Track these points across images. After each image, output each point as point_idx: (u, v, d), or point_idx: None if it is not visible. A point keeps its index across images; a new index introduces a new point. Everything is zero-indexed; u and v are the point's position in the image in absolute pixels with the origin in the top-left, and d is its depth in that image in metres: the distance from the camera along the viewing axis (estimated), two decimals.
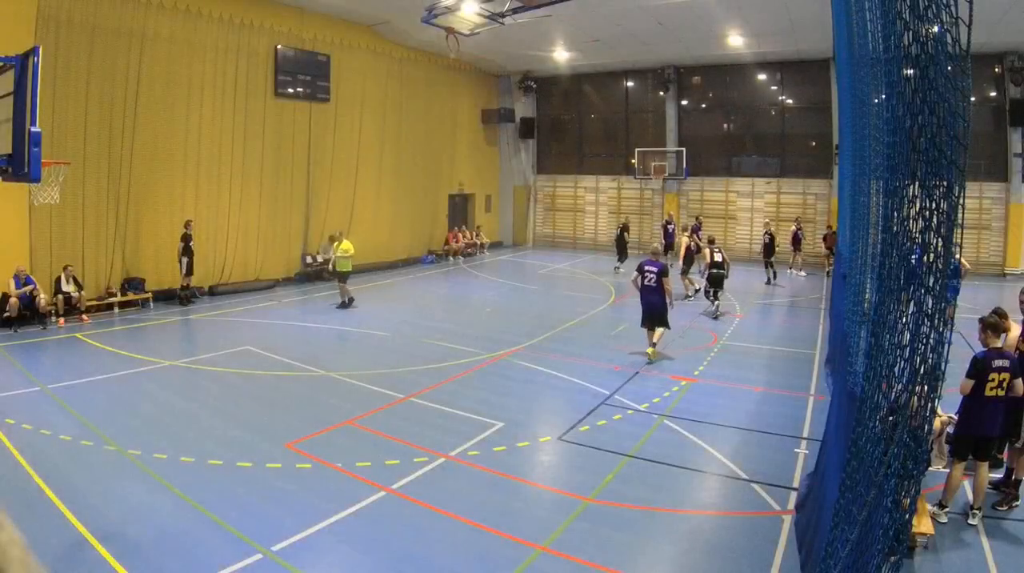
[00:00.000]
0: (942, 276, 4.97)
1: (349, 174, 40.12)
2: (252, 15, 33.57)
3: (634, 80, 50.48)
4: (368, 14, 37.42)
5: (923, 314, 5.04)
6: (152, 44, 29.59)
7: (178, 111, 30.90)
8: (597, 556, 10.10)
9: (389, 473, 12.97)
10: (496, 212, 55.54)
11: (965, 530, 10.97)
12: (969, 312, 20.13)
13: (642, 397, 17.70)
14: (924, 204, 5.06)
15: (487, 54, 45.79)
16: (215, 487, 12.29)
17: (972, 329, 12.77)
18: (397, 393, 17.86)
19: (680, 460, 13.77)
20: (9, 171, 11.29)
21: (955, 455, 11.25)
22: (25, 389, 17.63)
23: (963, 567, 10.00)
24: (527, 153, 55.32)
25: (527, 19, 32.07)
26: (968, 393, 10.93)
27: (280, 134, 35.73)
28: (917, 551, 9.96)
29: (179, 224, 29.98)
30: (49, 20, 25.85)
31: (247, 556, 9.98)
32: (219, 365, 20.58)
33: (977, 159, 37.98)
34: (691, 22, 35.96)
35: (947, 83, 4.81)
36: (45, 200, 20.68)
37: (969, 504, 11.40)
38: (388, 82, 42.51)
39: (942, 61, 4.84)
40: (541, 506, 11.98)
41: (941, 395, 5.20)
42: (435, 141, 47.36)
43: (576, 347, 22.82)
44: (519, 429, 15.41)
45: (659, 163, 47.73)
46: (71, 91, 26.84)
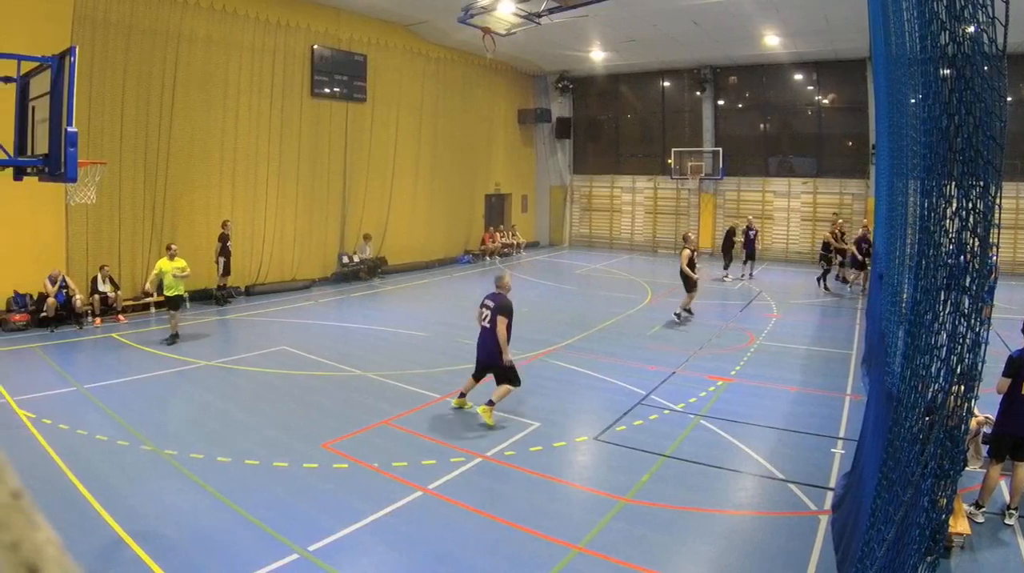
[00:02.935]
0: (979, 276, 4.96)
1: (385, 174, 40.14)
2: (288, 15, 33.69)
3: (670, 80, 50.32)
4: (405, 14, 37.43)
5: (960, 314, 5.03)
6: (188, 44, 29.73)
7: (214, 111, 31.04)
8: (633, 556, 10.10)
9: (425, 473, 12.98)
10: (532, 212, 55.48)
11: (1002, 530, 10.91)
12: (1005, 312, 20.05)
13: (678, 397, 17.68)
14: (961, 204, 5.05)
15: (523, 54, 45.73)
16: (251, 487, 12.36)
17: (1008, 329, 12.71)
18: (433, 393, 17.89)
19: (716, 460, 13.75)
20: (45, 171, 11.34)
21: (992, 455, 11.16)
22: (62, 389, 17.71)
23: (999, 567, 9.96)
24: (563, 153, 55.27)
25: (563, 19, 32.22)
26: (1005, 392, 10.88)
27: (316, 134, 35.82)
28: (953, 551, 9.92)
29: (216, 224, 30.12)
30: (85, 20, 25.97)
31: (283, 556, 10.04)
32: (255, 365, 20.66)
33: (1014, 159, 37.43)
34: (727, 22, 35.79)
35: (983, 83, 4.79)
36: (81, 200, 20.87)
37: (1006, 504, 11.34)
38: (425, 82, 42.49)
39: (978, 61, 4.83)
40: (577, 506, 11.95)
41: (978, 395, 5.19)
42: (472, 141, 47.28)
43: (612, 347, 22.79)
44: (555, 429, 15.41)
45: (695, 163, 47.66)
46: (107, 91, 26.99)
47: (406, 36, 40.32)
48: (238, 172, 32.22)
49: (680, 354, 21.91)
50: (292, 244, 34.89)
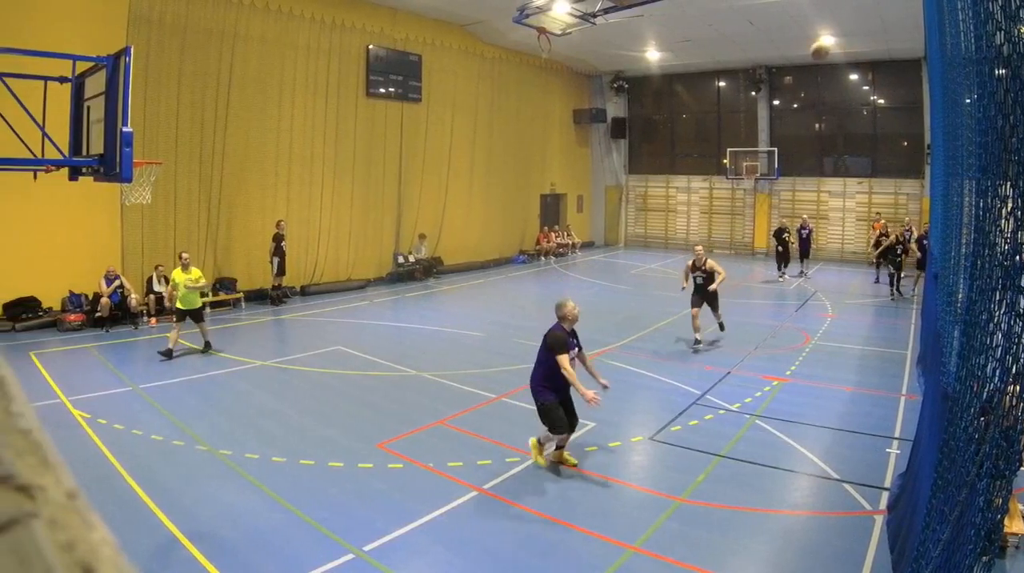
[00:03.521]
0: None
1: (441, 174, 40.27)
2: (344, 15, 33.86)
3: (726, 80, 50.21)
4: (460, 14, 37.58)
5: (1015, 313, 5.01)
6: (244, 44, 29.99)
7: (270, 111, 31.27)
8: (688, 556, 10.09)
9: (481, 473, 13.01)
10: (588, 212, 55.48)
11: None
12: None
13: (734, 397, 17.66)
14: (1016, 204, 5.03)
15: (579, 54, 45.70)
16: (307, 487, 12.42)
17: None
18: (489, 393, 17.95)
19: (772, 460, 13.73)
20: (100, 171, 11.41)
21: None
22: (117, 389, 17.86)
23: None
24: (619, 153, 55.17)
25: (618, 19, 32.28)
26: None
27: (372, 134, 35.96)
28: (1009, 551, 9.84)
29: (271, 224, 30.32)
30: (140, 20, 26.24)
31: (339, 556, 10.08)
32: (310, 365, 20.75)
33: None
34: (783, 22, 35.71)
35: None
36: (137, 200, 21.09)
37: None
38: (480, 82, 42.61)
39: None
40: (632, 506, 11.96)
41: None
42: (527, 141, 47.34)
43: (668, 347, 22.83)
44: (611, 429, 15.41)
45: (751, 163, 47.57)
46: (163, 91, 27.25)
47: (461, 36, 40.43)
48: (293, 172, 32.43)
49: (735, 354, 21.88)
50: (347, 244, 35.03)
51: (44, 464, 0.75)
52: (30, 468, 0.73)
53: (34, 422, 0.80)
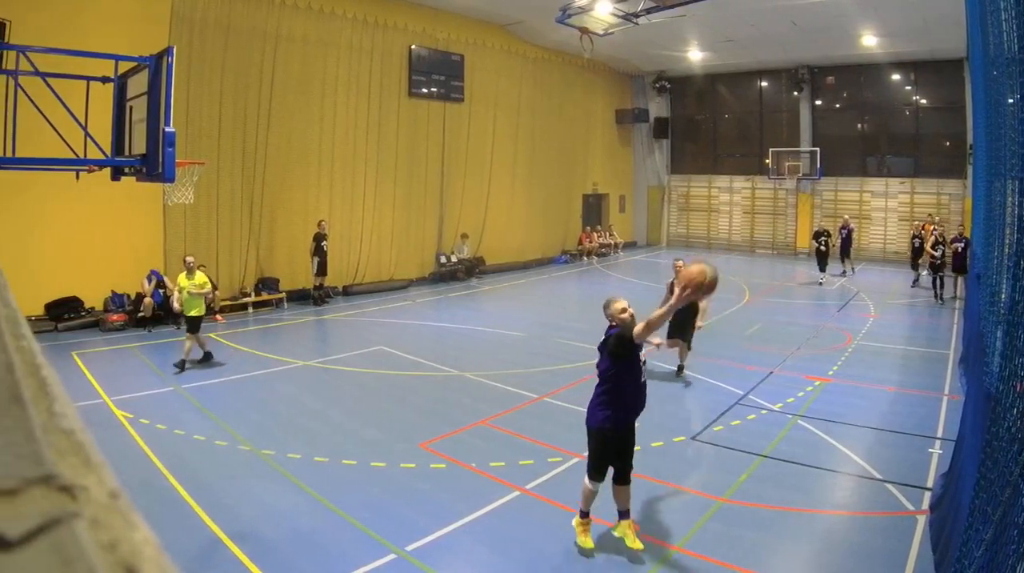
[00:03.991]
0: None
1: (483, 174, 40.33)
2: (386, 15, 33.98)
3: (768, 80, 50.08)
4: (502, 14, 37.63)
5: None
6: (286, 44, 30.15)
7: (312, 111, 31.39)
8: (731, 556, 10.10)
9: (523, 473, 13.04)
10: (630, 212, 55.46)
11: None
12: None
13: (776, 397, 17.67)
14: None
15: (621, 54, 45.66)
16: (349, 487, 12.46)
17: None
18: (531, 393, 17.96)
19: (814, 460, 13.72)
20: (143, 171, 11.50)
21: None
22: (159, 389, 17.98)
23: None
24: (661, 153, 55.11)
25: (661, 19, 32.10)
26: None
27: (414, 134, 36.07)
28: None
29: (313, 224, 30.43)
30: (183, 20, 26.46)
31: (381, 556, 10.11)
32: (353, 365, 20.80)
33: None
34: (825, 22, 35.60)
35: None
36: (179, 200, 21.19)
37: None
38: (522, 82, 42.63)
39: None
40: (675, 506, 11.96)
41: None
42: (569, 141, 47.29)
43: (709, 347, 22.66)
44: (653, 429, 15.32)
45: (793, 163, 47.46)
46: (205, 91, 27.44)
47: (503, 36, 40.47)
48: (336, 172, 32.53)
49: (778, 354, 21.89)
50: (389, 244, 35.14)
51: (87, 464, 0.77)
52: (73, 468, 0.75)
53: (76, 422, 0.85)
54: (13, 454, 0.75)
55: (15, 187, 20.79)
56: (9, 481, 0.71)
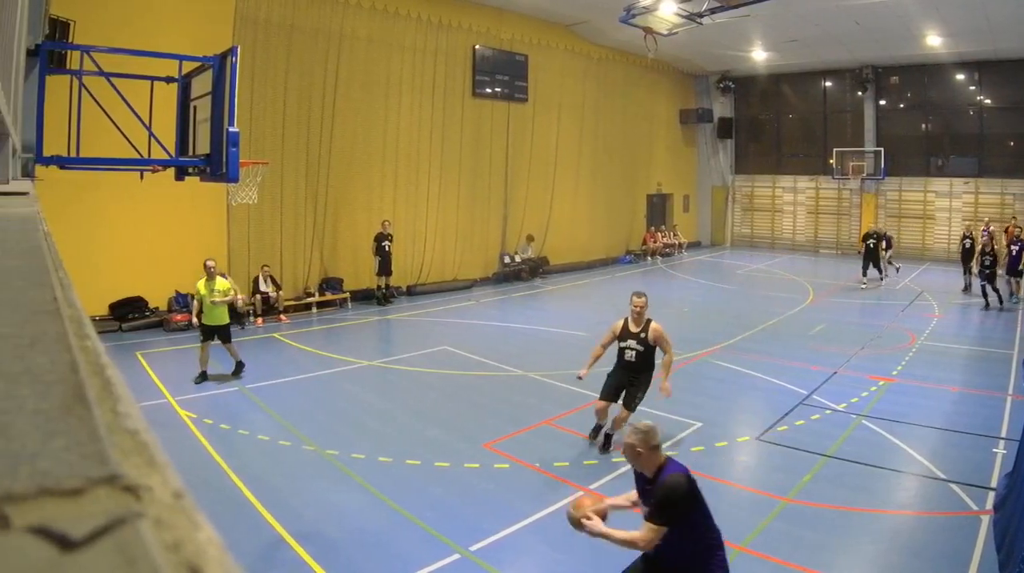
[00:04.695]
0: None
1: (547, 174, 40.30)
2: (450, 15, 34.04)
3: (832, 80, 49.82)
4: (566, 14, 37.61)
5: None
6: (350, 44, 30.23)
7: (376, 111, 31.48)
8: (794, 556, 10.13)
9: (587, 473, 13.10)
10: (694, 212, 55.34)
11: None
12: None
13: (840, 397, 17.58)
14: None
15: (685, 54, 45.62)
16: (413, 487, 12.49)
17: None
18: (594, 393, 17.15)
19: (878, 460, 13.68)
20: (207, 171, 11.57)
21: None
22: (223, 389, 18.09)
23: None
24: (725, 153, 54.98)
25: (725, 19, 32.07)
26: None
27: (478, 134, 36.14)
28: None
29: (377, 224, 30.47)
30: (247, 20, 26.67)
31: (445, 556, 10.16)
32: (416, 365, 20.88)
33: None
34: (889, 22, 35.42)
35: None
36: (243, 200, 21.27)
37: None
38: (586, 82, 42.51)
39: None
40: (739, 506, 11.99)
41: None
42: (633, 141, 47.17)
43: (774, 347, 22.75)
44: (717, 429, 15.45)
45: (857, 163, 47.21)
46: (269, 91, 27.64)
47: (567, 36, 40.42)
48: (400, 172, 32.64)
49: (841, 354, 21.75)
50: (453, 244, 35.19)
51: (151, 464, 0.80)
52: (137, 468, 0.78)
53: (141, 422, 0.89)
54: (78, 454, 0.78)
55: (80, 187, 20.63)
56: (74, 481, 0.73)
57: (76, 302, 1.53)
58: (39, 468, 0.74)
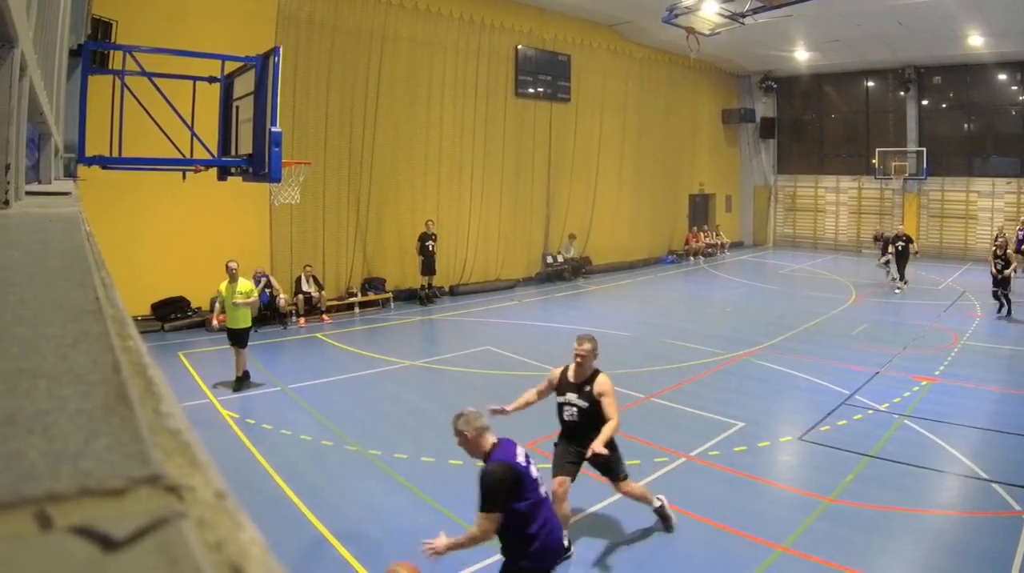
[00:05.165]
0: None
1: (589, 174, 40.27)
2: (493, 15, 34.11)
3: (874, 80, 49.64)
4: (608, 14, 37.66)
5: None
6: (393, 44, 30.36)
7: (418, 111, 31.64)
8: (837, 556, 10.11)
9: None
10: (736, 212, 55.20)
11: None
12: None
13: (882, 397, 17.56)
14: None
15: (727, 54, 45.59)
16: (456, 487, 12.40)
17: None
18: (637, 393, 17.93)
19: (920, 460, 13.67)
20: (249, 171, 11.66)
21: None
22: (266, 389, 18.17)
23: None
24: (767, 153, 54.90)
25: (767, 19, 32.16)
26: None
27: (520, 134, 36.21)
28: None
29: (420, 224, 30.57)
30: (289, 20, 26.84)
31: (487, 556, 9.99)
32: (459, 365, 20.96)
33: None
34: (931, 22, 35.30)
35: None
36: (285, 200, 21.21)
37: None
38: (628, 82, 42.52)
39: None
40: (781, 506, 12.05)
41: None
42: (675, 141, 47.15)
43: (816, 347, 22.73)
44: (759, 429, 15.47)
45: (899, 163, 46.99)
46: (311, 91, 27.75)
47: (610, 36, 40.42)
48: (443, 172, 32.75)
49: (884, 354, 21.69)
50: (496, 244, 35.28)
51: (193, 464, 0.81)
52: (179, 468, 0.79)
53: (183, 422, 0.91)
54: (120, 454, 0.80)
55: (122, 187, 20.78)
56: (116, 481, 0.74)
57: (118, 302, 1.58)
58: (81, 468, 0.76)
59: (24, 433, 0.84)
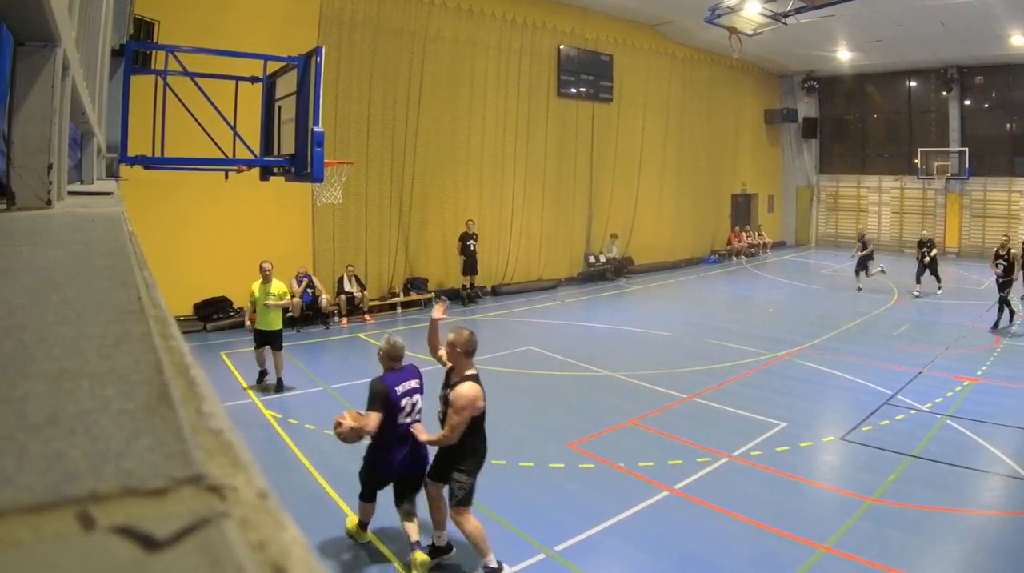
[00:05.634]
0: None
1: (631, 174, 40.28)
2: (535, 15, 34.18)
3: (917, 80, 49.37)
4: (651, 14, 37.70)
5: None
6: (435, 44, 30.48)
7: (460, 111, 31.75)
8: (879, 556, 10.09)
9: (672, 473, 13.07)
10: (778, 212, 55.16)
11: None
12: None
13: (925, 397, 17.53)
14: None
15: (769, 54, 45.48)
16: (498, 487, 12.15)
17: None
18: (679, 393, 17.99)
19: (963, 460, 13.65)
20: (292, 171, 11.72)
21: None
22: (308, 389, 18.22)
23: None
24: (809, 153, 54.73)
25: (810, 19, 32.20)
26: None
27: (563, 134, 36.23)
28: None
29: (462, 224, 30.73)
30: (331, 20, 26.98)
31: (530, 556, 10.26)
32: (501, 365, 20.79)
33: None
34: (974, 22, 35.09)
35: None
36: (328, 200, 21.30)
37: None
38: (671, 82, 42.55)
39: None
40: (824, 506, 12.05)
41: None
42: (718, 141, 47.11)
43: (859, 347, 22.66)
44: (802, 429, 15.46)
45: (942, 163, 46.83)
46: (354, 91, 27.83)
47: (652, 36, 40.47)
48: (485, 172, 32.85)
49: (926, 354, 21.66)
50: (538, 244, 35.38)
51: (235, 464, 0.81)
52: (221, 468, 0.79)
53: (225, 422, 0.91)
54: (162, 454, 0.81)
55: (164, 188, 20.94)
56: (158, 481, 0.75)
57: (161, 302, 1.62)
58: (123, 468, 0.77)
59: (67, 433, 0.86)
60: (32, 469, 0.76)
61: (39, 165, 3.64)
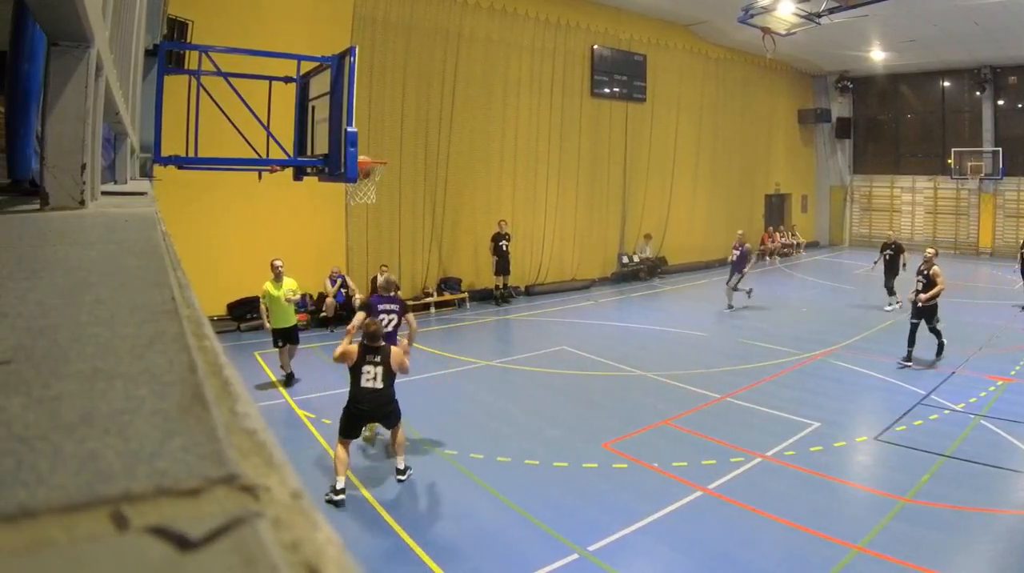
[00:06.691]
0: None
1: (665, 174, 40.34)
2: (568, 15, 34.21)
3: (950, 80, 49.05)
4: (684, 14, 37.70)
5: None
6: (468, 44, 30.60)
7: (494, 110, 31.87)
8: (913, 556, 10.10)
9: (705, 473, 13.11)
10: (812, 212, 55.03)
11: None
12: None
13: (958, 397, 17.47)
14: None
15: (803, 54, 45.40)
16: (531, 487, 12.60)
17: None
18: (713, 393, 18.02)
19: (997, 460, 13.62)
20: (325, 171, 11.79)
21: None
22: (341, 389, 17.76)
23: None
24: (843, 153, 54.52)
25: (843, 19, 32.12)
26: None
27: (596, 134, 36.25)
28: None
29: (496, 224, 30.73)
30: (365, 20, 27.10)
31: (563, 556, 10.27)
32: (535, 365, 21.02)
33: None
34: (1008, 22, 34.90)
35: None
36: (361, 200, 20.94)
37: None
38: (704, 82, 42.55)
39: None
40: (857, 506, 12.04)
41: None
42: (751, 141, 47.12)
43: (892, 347, 22.41)
44: (835, 429, 15.46)
45: (975, 163, 46.63)
46: (387, 91, 27.97)
47: (685, 36, 40.47)
48: (518, 172, 32.94)
49: (959, 354, 21.51)
50: (572, 244, 35.39)
51: (269, 464, 0.83)
52: (255, 468, 0.81)
53: (259, 422, 0.93)
54: (196, 454, 0.82)
55: (198, 188, 21.10)
56: (192, 481, 0.76)
57: (194, 302, 1.66)
58: (157, 468, 0.79)
59: (100, 433, 0.88)
60: (66, 469, 0.79)
61: (73, 165, 3.69)
